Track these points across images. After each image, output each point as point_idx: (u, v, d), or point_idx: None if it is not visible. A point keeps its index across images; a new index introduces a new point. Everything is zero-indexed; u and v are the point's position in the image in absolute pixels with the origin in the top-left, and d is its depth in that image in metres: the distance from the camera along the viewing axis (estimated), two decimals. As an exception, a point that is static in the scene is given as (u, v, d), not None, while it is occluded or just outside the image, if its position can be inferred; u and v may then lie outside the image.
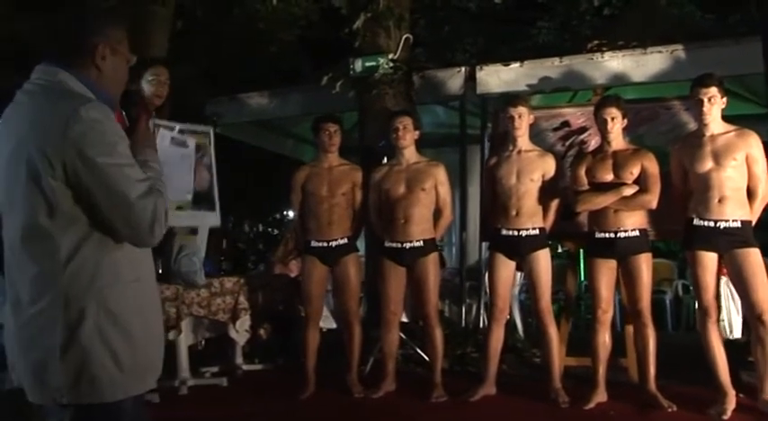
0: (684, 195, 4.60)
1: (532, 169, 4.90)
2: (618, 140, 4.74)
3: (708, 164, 4.41)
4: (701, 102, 4.42)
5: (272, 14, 9.83)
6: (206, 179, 3.35)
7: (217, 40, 10.13)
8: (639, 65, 6.39)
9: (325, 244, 5.19)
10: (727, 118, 4.56)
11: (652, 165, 4.64)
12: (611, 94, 5.80)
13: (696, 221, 4.44)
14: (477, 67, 6.63)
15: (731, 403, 4.38)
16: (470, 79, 6.65)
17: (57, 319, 1.92)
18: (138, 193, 1.92)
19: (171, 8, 8.12)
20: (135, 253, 2.02)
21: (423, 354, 5.62)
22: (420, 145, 5.38)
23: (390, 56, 6.31)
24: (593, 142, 5.39)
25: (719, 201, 4.38)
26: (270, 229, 13.45)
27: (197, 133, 3.35)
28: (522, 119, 4.94)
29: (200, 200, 3.27)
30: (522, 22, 10.75)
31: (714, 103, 4.42)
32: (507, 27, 10.55)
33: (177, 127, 3.17)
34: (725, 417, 4.30)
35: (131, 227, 1.95)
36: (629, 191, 4.62)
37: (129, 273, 2.02)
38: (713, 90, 4.41)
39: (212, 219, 3.40)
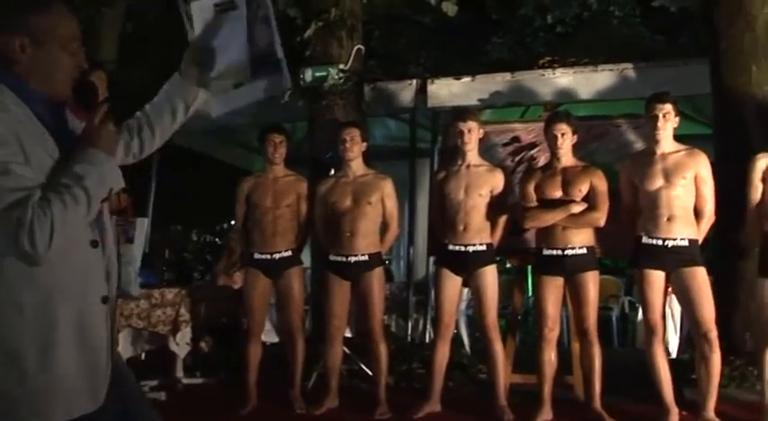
0: (633, 213, 4.59)
1: (481, 184, 4.85)
2: (567, 157, 4.73)
3: (658, 182, 4.42)
4: (656, 117, 4.42)
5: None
6: (264, 36, 2.70)
7: (170, 45, 9.97)
8: (590, 82, 6.44)
9: (269, 256, 5.08)
10: (675, 137, 4.57)
11: (601, 183, 4.64)
12: (561, 110, 5.80)
13: (645, 239, 4.44)
14: (429, 81, 6.62)
15: (674, 420, 4.39)
16: (422, 92, 6.64)
17: None
18: (4, 203, 1.74)
19: (120, 10, 7.98)
20: (44, 272, 1.82)
21: (367, 370, 5.53)
22: (370, 158, 5.31)
23: (341, 66, 6.24)
24: (543, 158, 5.38)
25: (668, 219, 4.38)
26: (217, 239, 13.27)
27: None
28: (472, 133, 4.89)
29: (261, 65, 2.66)
30: (476, 38, 10.81)
31: (668, 120, 4.44)
32: (462, 42, 10.59)
33: None
34: (668, 435, 4.31)
35: None
36: (577, 208, 4.61)
37: (30, 295, 1.82)
38: (668, 107, 4.43)
39: (278, 81, 2.75)
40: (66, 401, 1.87)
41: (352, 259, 4.97)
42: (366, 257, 4.98)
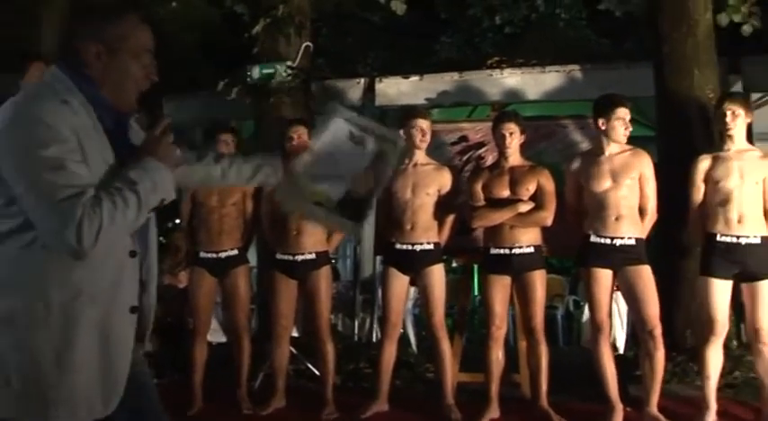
0: (579, 213, 4.63)
1: (428, 183, 4.84)
2: (515, 156, 4.75)
3: (606, 182, 4.46)
4: (623, 122, 4.47)
5: (172, 17, 9.56)
6: (367, 187, 2.71)
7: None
8: (537, 83, 6.50)
9: (215, 255, 5.01)
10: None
11: (548, 182, 4.67)
12: (509, 110, 5.84)
13: (593, 238, 4.48)
14: (377, 79, 6.62)
15: (619, 416, 4.44)
16: (370, 90, 6.63)
17: None
18: (57, 198, 1.80)
19: (64, 3, 7.79)
20: (77, 273, 1.86)
21: (314, 370, 5.49)
22: (317, 156, 5.25)
23: (289, 63, 6.19)
24: (491, 158, 5.41)
25: (616, 219, 4.43)
26: (162, 239, 13.05)
27: (383, 138, 2.72)
28: (428, 132, 4.90)
29: (348, 205, 2.66)
30: (425, 37, 10.85)
31: (628, 127, 4.49)
32: (411, 41, 10.62)
33: (358, 121, 2.60)
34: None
35: (44, 229, 1.82)
36: (524, 207, 4.63)
37: (59, 294, 1.85)
38: (628, 112, 4.50)
39: (353, 229, 2.75)
40: (76, 403, 1.89)
41: (299, 258, 4.93)
42: (313, 256, 4.94)
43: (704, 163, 4.46)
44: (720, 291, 4.33)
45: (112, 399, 1.95)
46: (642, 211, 4.52)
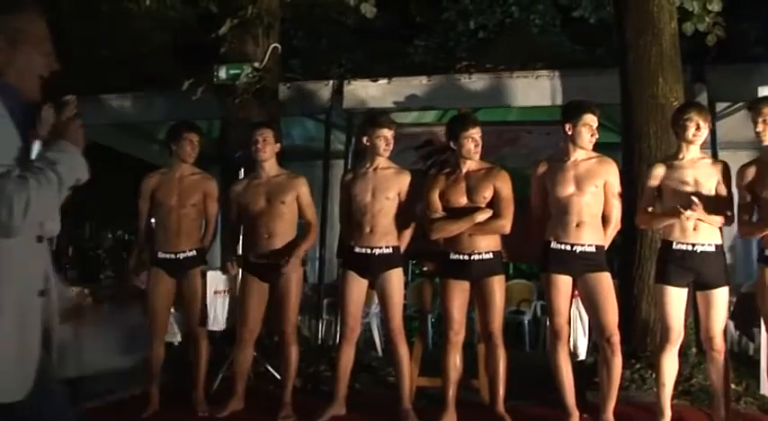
0: (543, 218, 4.63)
1: (388, 187, 4.79)
2: (473, 161, 4.73)
3: (570, 188, 4.46)
4: (590, 128, 4.48)
5: (146, 15, 9.50)
6: None
7: (84, 37, 9.71)
8: (506, 88, 6.49)
9: (173, 256, 4.96)
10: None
11: (505, 187, 4.64)
12: (468, 113, 5.80)
13: (554, 244, 4.48)
14: (345, 82, 6.60)
15: (574, 423, 4.45)
16: (338, 93, 6.61)
17: None
18: None
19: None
20: None
21: (274, 372, 5.45)
22: (287, 157, 5.23)
23: (255, 64, 6.16)
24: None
25: (577, 225, 4.43)
26: (129, 237, 12.98)
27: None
28: (392, 141, 4.85)
29: None
30: (400, 41, 10.85)
31: (594, 133, 4.50)
32: (386, 44, 10.62)
33: None
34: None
35: None
36: (482, 217, 4.58)
37: None
38: (595, 119, 4.51)
39: None
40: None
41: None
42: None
43: (658, 169, 4.48)
44: (675, 299, 4.35)
45: (27, 382, 1.99)
46: (606, 219, 4.53)
